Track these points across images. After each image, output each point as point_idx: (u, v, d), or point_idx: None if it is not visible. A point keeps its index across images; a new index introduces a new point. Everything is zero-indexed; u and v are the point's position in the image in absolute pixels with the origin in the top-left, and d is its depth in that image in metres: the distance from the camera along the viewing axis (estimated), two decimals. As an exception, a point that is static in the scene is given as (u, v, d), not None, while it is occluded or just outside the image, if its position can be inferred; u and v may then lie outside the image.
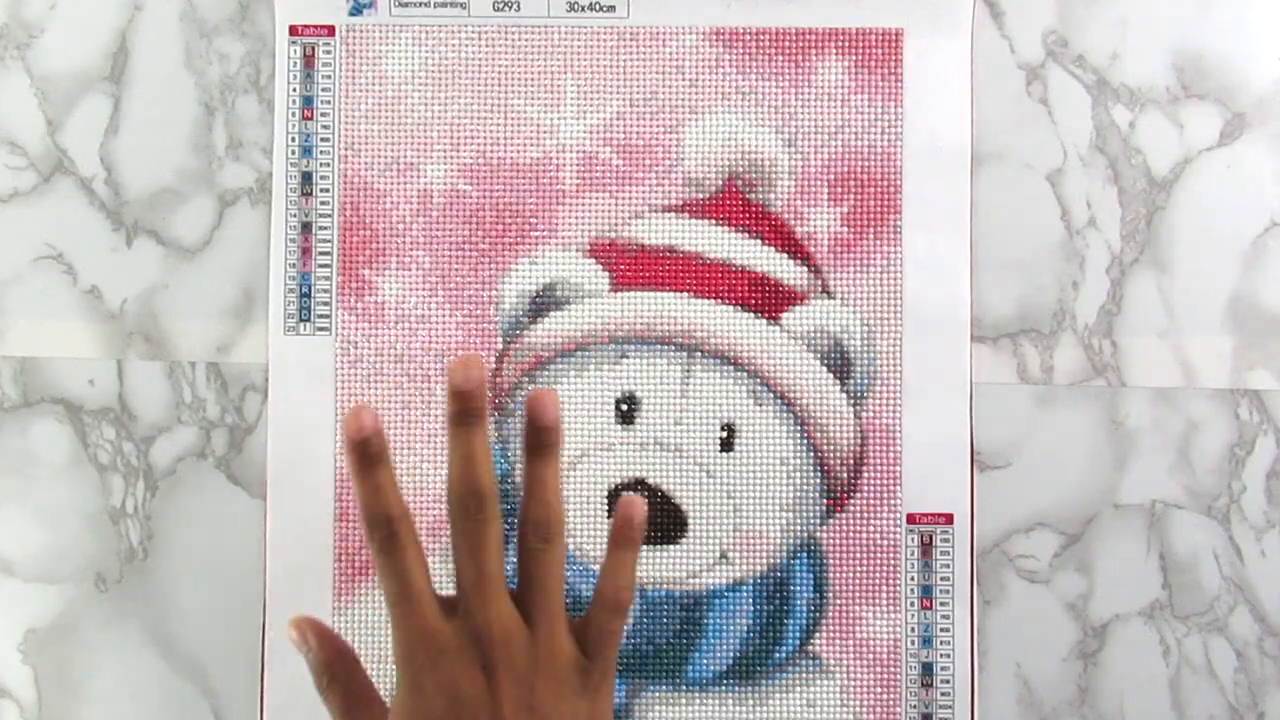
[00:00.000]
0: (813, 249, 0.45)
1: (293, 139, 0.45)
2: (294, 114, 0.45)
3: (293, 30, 0.45)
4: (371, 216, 0.45)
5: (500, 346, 0.45)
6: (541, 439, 0.34)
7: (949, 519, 0.45)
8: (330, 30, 0.45)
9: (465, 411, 0.33)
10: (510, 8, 0.45)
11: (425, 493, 0.45)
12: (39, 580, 0.46)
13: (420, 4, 0.45)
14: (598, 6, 0.45)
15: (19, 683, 0.46)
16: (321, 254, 0.45)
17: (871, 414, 0.45)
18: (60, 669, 0.46)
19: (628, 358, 0.45)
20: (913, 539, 0.45)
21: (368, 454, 0.32)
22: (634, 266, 0.45)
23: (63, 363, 0.46)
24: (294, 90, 0.45)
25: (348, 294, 0.45)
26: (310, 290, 0.45)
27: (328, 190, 0.45)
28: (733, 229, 0.45)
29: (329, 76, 0.45)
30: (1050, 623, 0.47)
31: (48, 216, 0.46)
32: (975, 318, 0.46)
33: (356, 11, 0.45)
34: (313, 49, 0.45)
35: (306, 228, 0.45)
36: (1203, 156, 0.47)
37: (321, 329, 0.45)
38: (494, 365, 0.45)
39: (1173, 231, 0.47)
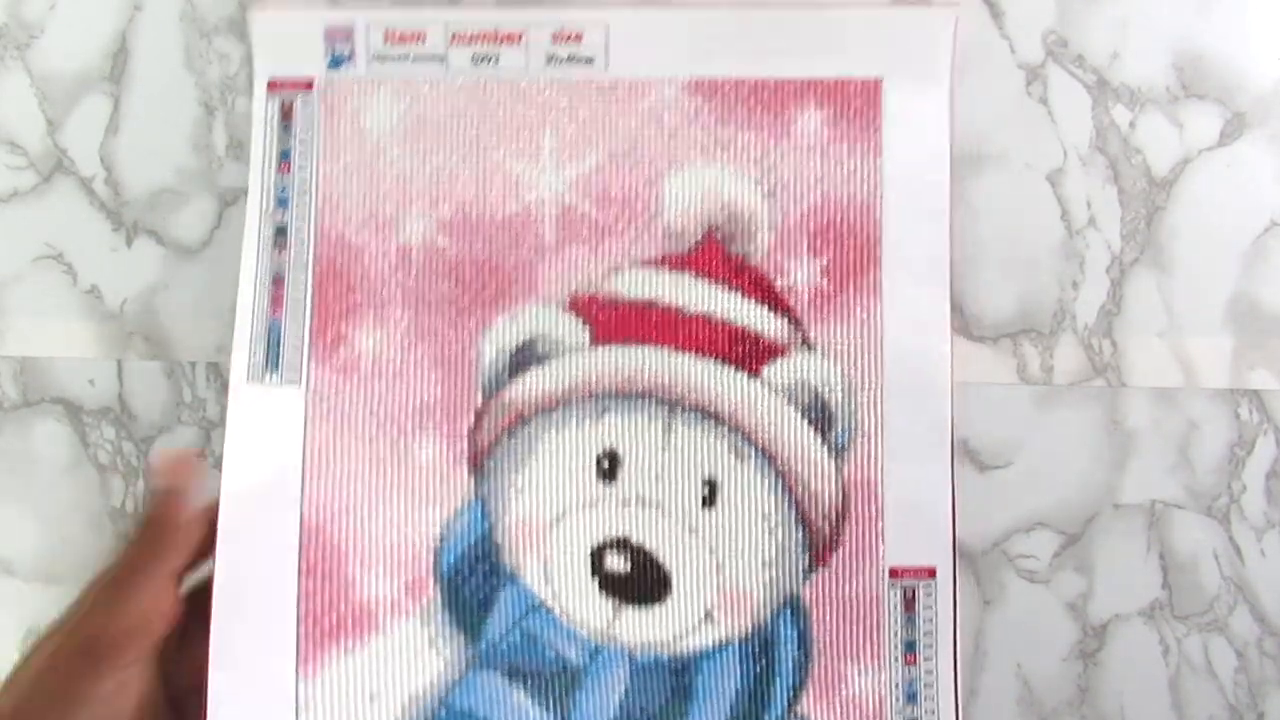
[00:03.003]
0: (793, 301, 0.44)
1: (267, 191, 0.43)
2: (269, 166, 0.43)
3: (271, 85, 0.43)
4: (348, 271, 0.43)
5: (480, 403, 0.43)
6: None
7: (931, 573, 0.44)
8: (308, 84, 0.43)
9: None
10: (488, 61, 0.44)
11: (398, 552, 0.43)
12: (39, 580, 0.46)
13: (398, 58, 0.43)
14: (576, 59, 0.44)
15: (19, 683, 0.46)
16: (294, 302, 0.43)
17: (853, 467, 0.44)
18: (60, 669, 0.46)
19: (609, 413, 0.44)
20: (895, 594, 0.44)
21: None
22: (614, 321, 0.44)
23: (63, 363, 0.46)
24: (270, 143, 0.43)
25: (321, 346, 0.43)
26: (280, 339, 0.43)
27: (303, 243, 0.43)
28: (713, 282, 0.44)
29: (307, 129, 0.43)
30: (1050, 623, 0.47)
31: (48, 216, 0.46)
32: (975, 317, 0.46)
33: (335, 64, 0.43)
34: (291, 102, 0.43)
35: (278, 280, 0.43)
36: (1203, 156, 0.47)
37: (290, 380, 0.42)
38: (473, 422, 0.44)
39: (1173, 231, 0.47)
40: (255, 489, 0.42)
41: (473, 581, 0.43)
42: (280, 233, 0.43)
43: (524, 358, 0.44)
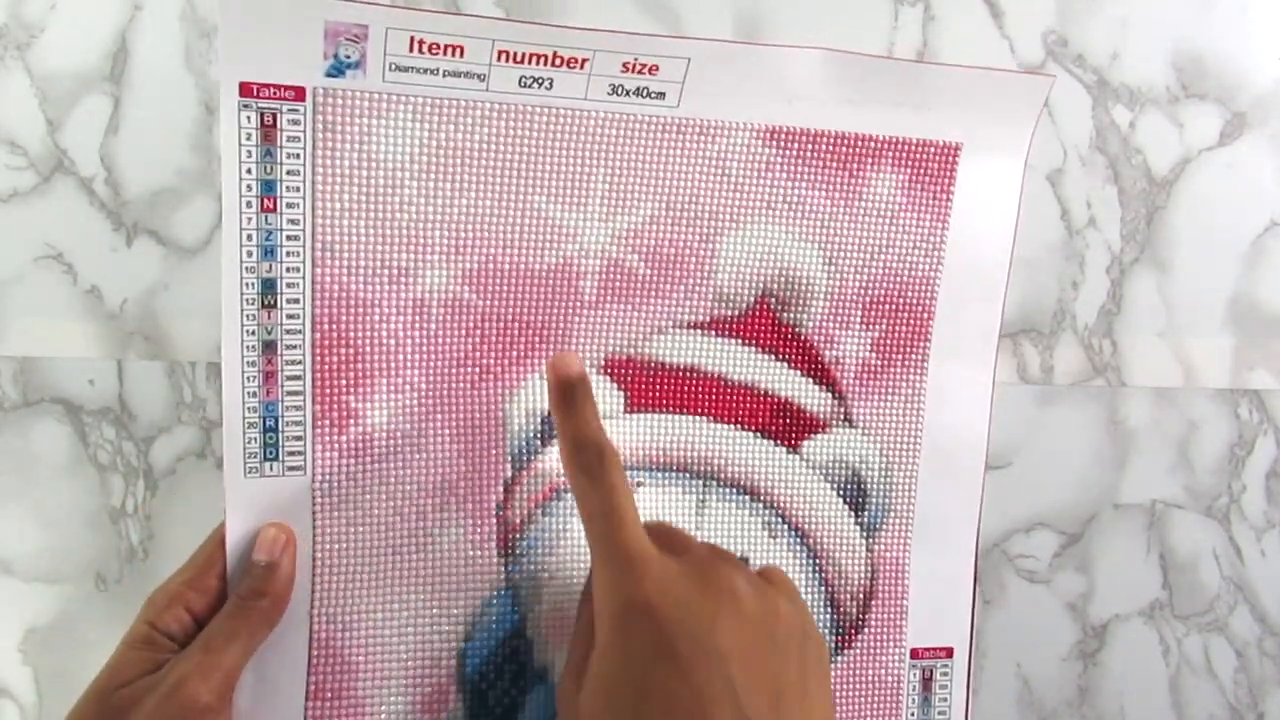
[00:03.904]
0: (839, 375, 0.42)
1: (248, 237, 0.35)
2: (249, 204, 0.35)
3: (245, 90, 0.34)
4: (355, 332, 0.36)
5: (509, 474, 0.39)
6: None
7: (949, 653, 0.43)
8: (299, 93, 0.35)
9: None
10: (540, 85, 0.36)
11: (417, 659, 0.38)
12: (39, 580, 0.46)
13: (425, 70, 0.35)
14: (646, 92, 0.38)
15: (19, 683, 0.46)
16: (290, 379, 0.36)
17: (883, 547, 0.43)
18: (60, 669, 0.46)
19: (643, 485, 0.40)
20: (915, 674, 0.43)
21: (576, 391, 0.35)
22: (651, 387, 0.40)
23: (63, 363, 0.46)
24: (248, 173, 0.35)
25: (326, 425, 0.37)
26: (278, 424, 0.36)
27: (297, 301, 0.36)
28: (760, 350, 0.41)
29: (297, 156, 0.35)
30: (1050, 623, 0.47)
31: (48, 216, 0.46)
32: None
33: (337, 72, 0.35)
34: (274, 117, 0.35)
35: (270, 347, 0.36)
36: (1203, 156, 0.47)
37: (294, 468, 0.36)
38: (502, 496, 0.39)
39: (1173, 231, 0.47)
40: None
41: (500, 686, 0.38)
42: (268, 288, 0.36)
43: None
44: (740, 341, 0.41)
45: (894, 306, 0.42)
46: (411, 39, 0.35)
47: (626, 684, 0.30)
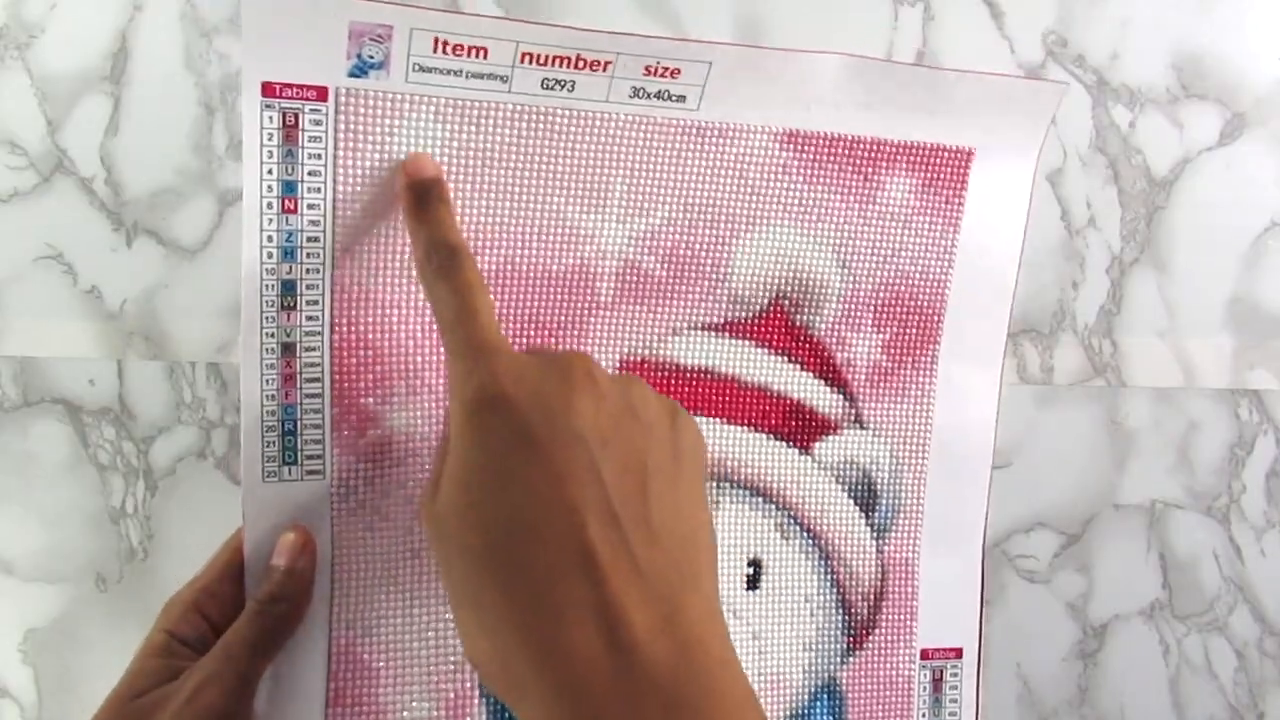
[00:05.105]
0: (850, 377, 0.42)
1: (269, 238, 0.35)
2: (270, 205, 0.35)
3: (268, 90, 0.34)
4: (373, 334, 0.36)
5: None
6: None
7: (958, 653, 0.43)
8: (321, 93, 0.34)
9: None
10: (563, 87, 0.36)
11: (438, 665, 0.37)
12: (39, 580, 0.46)
13: (448, 71, 0.35)
14: (667, 95, 0.38)
15: (19, 683, 0.46)
16: (309, 381, 0.36)
17: (893, 548, 0.43)
18: (60, 669, 0.46)
19: None
20: (925, 675, 0.43)
21: (430, 194, 0.34)
22: (666, 388, 0.40)
23: (63, 363, 0.46)
24: (269, 173, 0.34)
25: (345, 429, 0.36)
26: (296, 427, 0.36)
27: (316, 303, 0.35)
28: (773, 352, 0.41)
29: (318, 156, 0.35)
30: (1050, 623, 0.47)
31: (48, 216, 0.46)
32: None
33: (360, 72, 0.34)
34: (296, 117, 0.34)
35: (289, 349, 0.35)
36: (1203, 156, 0.47)
37: (312, 472, 0.36)
38: None
39: (1173, 231, 0.47)
40: None
41: None
42: (288, 289, 0.35)
43: None
44: (754, 343, 0.41)
45: (905, 309, 0.42)
46: (435, 40, 0.34)
47: (484, 475, 0.29)
